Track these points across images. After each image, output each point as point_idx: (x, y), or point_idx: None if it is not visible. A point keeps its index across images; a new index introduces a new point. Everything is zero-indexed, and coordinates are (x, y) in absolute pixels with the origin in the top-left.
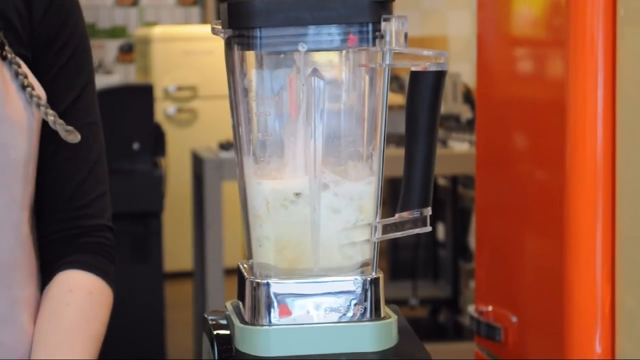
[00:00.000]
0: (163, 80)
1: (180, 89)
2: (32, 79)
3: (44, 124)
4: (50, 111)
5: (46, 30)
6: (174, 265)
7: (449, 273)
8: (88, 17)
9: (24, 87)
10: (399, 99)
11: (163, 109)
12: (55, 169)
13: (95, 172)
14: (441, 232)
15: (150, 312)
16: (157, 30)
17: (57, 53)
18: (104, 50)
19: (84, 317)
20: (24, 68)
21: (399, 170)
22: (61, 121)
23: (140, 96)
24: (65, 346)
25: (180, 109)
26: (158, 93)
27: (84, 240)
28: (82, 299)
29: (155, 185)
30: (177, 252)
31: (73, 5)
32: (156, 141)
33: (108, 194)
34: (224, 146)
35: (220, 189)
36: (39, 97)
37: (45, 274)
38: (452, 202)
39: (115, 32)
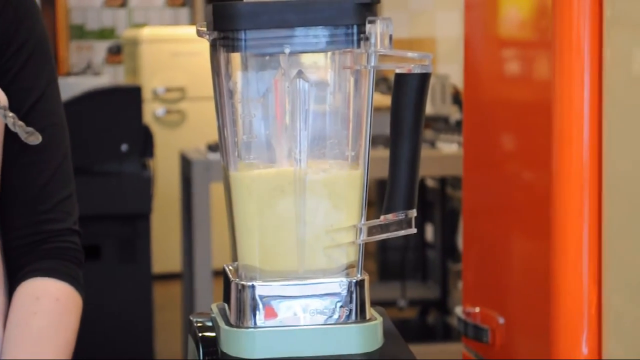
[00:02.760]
0: (152, 81)
1: (168, 90)
2: None
3: (5, 128)
4: (10, 113)
5: (1, 30)
6: (162, 266)
7: (438, 274)
8: (77, 18)
9: None
10: (387, 101)
11: (152, 111)
12: (18, 172)
13: (59, 174)
14: (430, 233)
15: (138, 314)
16: (146, 32)
17: (15, 54)
18: (93, 52)
19: (53, 325)
20: None
21: (387, 172)
22: (21, 123)
23: (128, 97)
24: (34, 355)
25: (168, 110)
26: (147, 94)
27: (48, 246)
28: (50, 306)
29: (144, 187)
30: (165, 254)
31: (30, 5)
32: (145, 143)
33: (74, 196)
34: (213, 148)
35: (208, 191)
36: None
37: (12, 282)
38: (440, 203)
39: (104, 34)
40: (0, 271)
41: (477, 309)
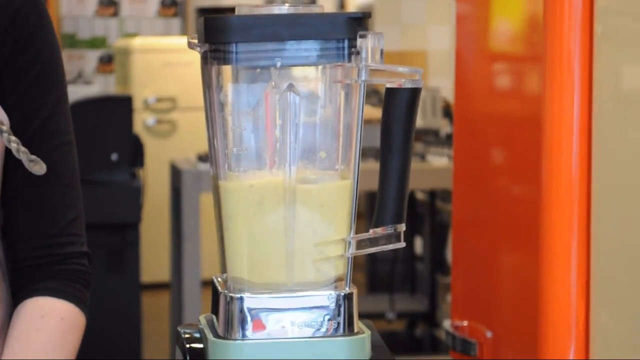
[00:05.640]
0: (142, 91)
1: (159, 100)
2: None
3: (7, 150)
4: (13, 137)
5: (8, 49)
6: (151, 276)
7: (427, 287)
8: (68, 27)
9: None
10: (378, 113)
11: (142, 120)
12: (26, 194)
13: (68, 196)
14: (419, 246)
15: (127, 323)
16: (137, 41)
17: (23, 71)
18: (84, 61)
19: (55, 342)
20: None
21: (376, 184)
22: (25, 149)
23: (119, 107)
24: None
25: (159, 120)
26: (137, 104)
27: (58, 268)
28: (54, 324)
29: (134, 196)
30: (154, 264)
31: (40, 19)
32: (135, 152)
33: (82, 215)
34: (203, 158)
35: (198, 201)
36: (0, 122)
37: (17, 298)
38: (430, 216)
39: (95, 43)
40: (2, 289)
41: (466, 323)
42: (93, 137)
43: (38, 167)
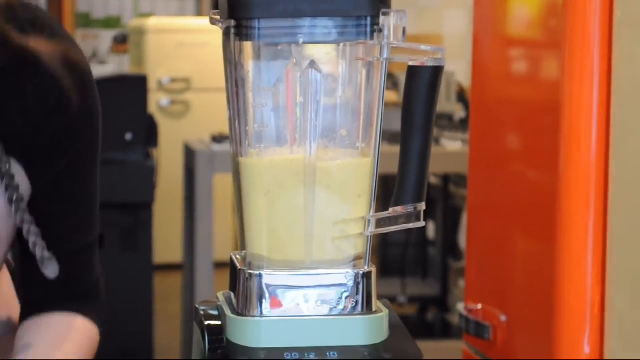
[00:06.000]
0: (157, 71)
1: (173, 80)
2: (19, 178)
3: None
4: (34, 228)
5: (47, 140)
6: (163, 257)
7: (438, 271)
8: (83, 6)
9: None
10: (393, 96)
11: (156, 101)
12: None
13: (87, 220)
14: (431, 230)
15: (139, 303)
16: (152, 22)
17: (57, 164)
18: (98, 40)
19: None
20: (18, 178)
21: (391, 167)
22: (42, 243)
23: (133, 87)
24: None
25: (173, 100)
26: (151, 84)
27: (81, 291)
28: (80, 340)
29: (147, 176)
30: (167, 244)
31: (87, 108)
32: (149, 132)
33: (97, 240)
34: (216, 139)
35: (211, 182)
36: (20, 199)
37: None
38: (443, 200)
39: (110, 23)
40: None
41: (479, 306)
42: (107, 117)
43: (49, 271)
